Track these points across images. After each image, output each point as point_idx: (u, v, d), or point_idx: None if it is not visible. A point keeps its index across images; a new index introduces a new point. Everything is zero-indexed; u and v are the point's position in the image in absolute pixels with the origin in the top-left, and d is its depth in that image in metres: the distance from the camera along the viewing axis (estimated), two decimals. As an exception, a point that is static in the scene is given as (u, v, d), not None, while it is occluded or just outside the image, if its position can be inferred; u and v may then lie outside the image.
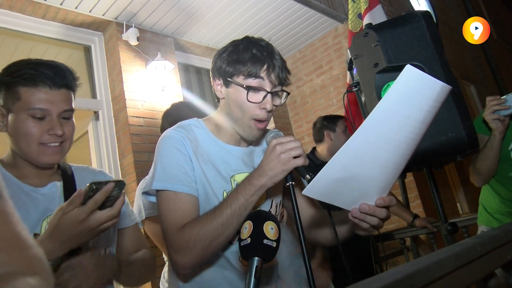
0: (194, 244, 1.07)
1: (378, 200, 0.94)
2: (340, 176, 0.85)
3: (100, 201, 0.94)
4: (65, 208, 0.93)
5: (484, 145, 1.91)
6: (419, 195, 4.12)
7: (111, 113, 3.64)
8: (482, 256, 0.75)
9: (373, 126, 0.78)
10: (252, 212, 0.92)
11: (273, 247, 0.86)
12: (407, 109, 0.77)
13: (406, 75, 0.73)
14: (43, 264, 0.46)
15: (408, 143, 0.83)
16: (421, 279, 0.55)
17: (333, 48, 4.85)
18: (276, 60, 1.17)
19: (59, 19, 3.48)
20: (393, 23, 1.68)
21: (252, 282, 0.82)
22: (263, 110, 1.17)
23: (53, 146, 1.12)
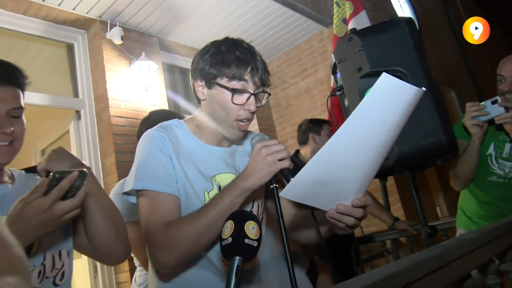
0: (178, 242, 1.07)
1: (355, 201, 0.96)
2: (317, 179, 0.87)
3: (65, 189, 0.91)
4: (27, 197, 0.90)
5: (463, 150, 1.95)
6: (399, 198, 4.18)
7: (93, 112, 3.59)
8: (460, 258, 0.76)
9: (350, 130, 0.81)
10: (234, 212, 0.93)
11: (254, 246, 0.86)
12: (382, 114, 0.79)
13: (382, 82, 0.75)
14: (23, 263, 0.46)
15: (383, 145, 0.86)
16: (400, 280, 0.56)
17: (318, 51, 4.88)
18: (259, 62, 1.19)
19: (41, 15, 3.42)
20: (377, 29, 1.71)
21: (233, 281, 0.82)
22: (247, 111, 1.18)
23: (2, 145, 1.07)
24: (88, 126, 3.57)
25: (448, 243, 0.80)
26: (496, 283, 1.00)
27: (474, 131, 1.88)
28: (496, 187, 2.00)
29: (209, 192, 1.21)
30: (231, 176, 1.22)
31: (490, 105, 1.86)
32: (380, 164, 0.93)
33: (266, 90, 1.24)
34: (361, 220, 1.00)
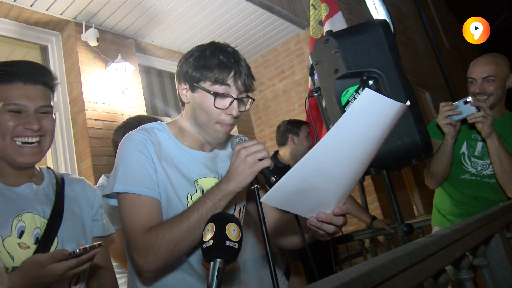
0: (159, 247, 1.06)
1: (336, 209, 0.97)
2: (298, 188, 0.88)
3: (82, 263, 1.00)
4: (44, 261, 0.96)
5: (437, 149, 2.00)
6: (377, 197, 4.25)
7: (68, 115, 3.52)
8: (434, 253, 0.78)
9: (331, 142, 0.82)
10: (214, 214, 0.93)
11: (236, 248, 0.87)
12: (364, 127, 0.81)
13: (365, 97, 0.76)
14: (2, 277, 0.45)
15: (364, 158, 0.87)
16: (377, 276, 0.57)
17: (295, 53, 4.92)
18: (242, 67, 1.19)
19: (12, 16, 3.33)
20: (353, 31, 1.74)
21: (215, 283, 0.82)
22: (229, 116, 1.18)
23: (30, 146, 1.11)
24: (64, 129, 3.50)
25: (422, 240, 0.82)
26: (470, 277, 1.03)
27: (447, 130, 1.93)
28: (469, 185, 2.06)
29: (192, 196, 1.20)
30: (213, 180, 1.22)
31: (463, 105, 1.91)
32: (361, 174, 0.94)
33: (250, 95, 1.24)
34: (341, 227, 1.02)
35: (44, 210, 1.14)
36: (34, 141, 1.11)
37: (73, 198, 1.24)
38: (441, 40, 8.73)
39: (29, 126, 1.09)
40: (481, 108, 1.87)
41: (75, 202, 1.23)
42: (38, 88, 1.13)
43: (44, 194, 1.18)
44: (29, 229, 1.07)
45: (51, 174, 1.26)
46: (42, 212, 1.13)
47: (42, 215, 1.13)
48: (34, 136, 1.11)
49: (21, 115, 1.10)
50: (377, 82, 1.63)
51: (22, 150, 1.10)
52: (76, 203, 1.23)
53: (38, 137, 1.12)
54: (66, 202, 1.20)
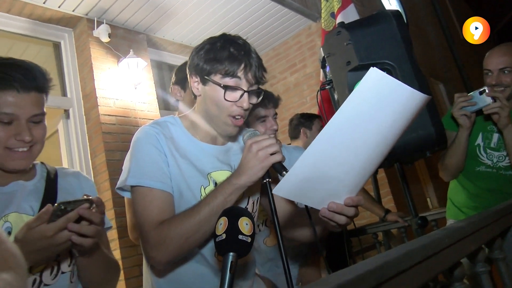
0: (170, 240, 1.07)
1: (347, 200, 0.96)
2: (309, 176, 0.86)
3: (72, 220, 0.95)
4: (31, 223, 0.93)
5: (452, 141, 1.97)
6: (390, 190, 4.22)
7: (82, 111, 3.56)
8: (449, 246, 0.78)
9: (338, 126, 0.80)
10: (227, 208, 0.93)
11: (248, 242, 0.87)
12: (371, 111, 0.78)
13: (370, 77, 0.74)
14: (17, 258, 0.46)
15: (375, 146, 0.85)
16: (391, 269, 0.57)
17: (306, 46, 4.89)
18: (253, 59, 1.18)
19: (25, 14, 3.37)
20: (365, 22, 1.72)
21: (227, 276, 0.83)
22: (240, 108, 1.18)
23: (21, 151, 1.08)
24: (77, 125, 3.54)
25: (437, 233, 0.82)
26: (485, 270, 1.02)
27: (462, 121, 1.90)
28: (484, 177, 2.03)
29: (206, 188, 1.21)
30: (227, 174, 1.22)
31: (478, 96, 1.88)
32: (375, 166, 0.93)
33: (261, 87, 1.24)
34: (352, 218, 1.01)
35: (32, 206, 1.12)
36: (24, 149, 1.09)
37: (69, 191, 1.22)
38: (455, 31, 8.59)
39: (20, 138, 1.06)
40: (497, 99, 1.84)
41: (70, 195, 1.21)
42: (31, 95, 1.08)
43: (35, 190, 1.16)
44: (16, 229, 1.03)
45: (43, 169, 1.24)
46: (30, 209, 1.11)
47: (30, 212, 1.11)
48: (25, 146, 1.09)
49: (11, 124, 1.06)
50: (390, 73, 1.62)
51: (13, 155, 1.08)
52: (72, 195, 1.21)
53: (29, 147, 1.10)
54: (61, 195, 1.19)
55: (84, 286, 1.21)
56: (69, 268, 1.14)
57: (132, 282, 3.06)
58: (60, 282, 1.11)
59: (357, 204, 0.98)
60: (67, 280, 1.14)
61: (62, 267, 1.13)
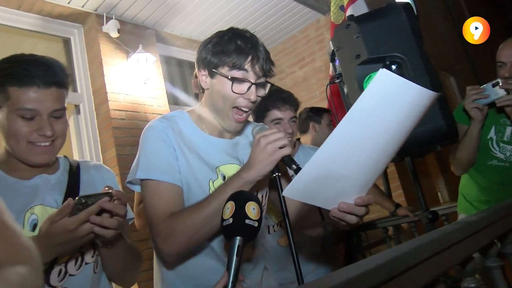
0: (180, 233, 1.08)
1: (357, 199, 0.96)
2: (318, 176, 0.86)
3: (93, 214, 0.97)
4: (54, 217, 0.96)
5: (464, 134, 1.95)
6: (400, 184, 4.19)
7: (92, 106, 3.59)
8: (460, 241, 0.77)
9: (349, 127, 0.80)
10: (234, 193, 0.94)
11: (255, 226, 0.88)
12: (382, 111, 0.78)
13: (380, 78, 0.74)
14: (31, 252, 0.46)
15: (385, 144, 0.85)
16: (402, 264, 0.57)
17: (315, 40, 4.86)
18: (260, 52, 1.19)
19: (35, 10, 3.40)
20: (375, 15, 1.70)
21: (234, 260, 0.84)
22: (247, 100, 1.18)
23: (43, 146, 1.11)
24: (88, 120, 3.57)
25: (448, 227, 0.81)
26: (498, 265, 1.01)
27: (474, 114, 1.88)
28: (496, 171, 2.01)
29: (214, 182, 1.22)
30: (235, 167, 1.23)
31: (491, 88, 1.85)
32: (385, 165, 0.93)
33: (269, 80, 1.24)
34: (363, 217, 1.01)
35: (57, 199, 1.15)
36: (47, 144, 1.12)
37: (91, 184, 1.25)
38: (466, 22, 8.44)
39: (42, 133, 1.09)
40: (511, 91, 1.81)
41: (93, 187, 1.24)
42: (52, 91, 1.11)
43: (58, 183, 1.19)
44: (41, 221, 1.07)
45: (66, 162, 1.27)
46: (54, 202, 1.14)
47: (55, 205, 1.14)
48: (47, 141, 1.12)
49: (34, 120, 1.09)
50: (400, 66, 1.60)
51: (35, 150, 1.11)
52: (94, 188, 1.24)
53: (51, 141, 1.13)
54: (83, 188, 1.22)
55: (108, 275, 1.24)
56: (93, 259, 1.18)
57: (143, 275, 3.08)
58: (84, 272, 1.15)
59: (367, 204, 0.98)
60: (91, 270, 1.17)
61: (86, 258, 1.16)
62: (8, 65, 1.10)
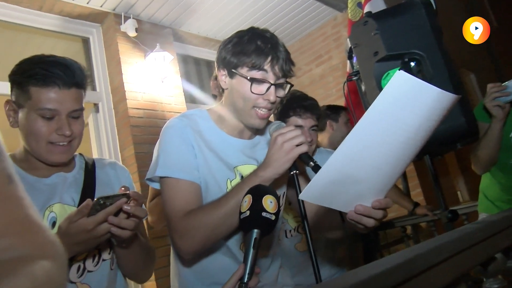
0: (197, 230, 1.09)
1: (375, 203, 0.95)
2: (335, 179, 0.86)
3: (111, 214, 0.99)
4: (73, 217, 0.98)
5: (484, 133, 1.91)
6: (419, 183, 4.13)
7: (110, 105, 3.64)
8: (482, 241, 0.75)
9: (365, 129, 0.79)
10: (252, 187, 0.94)
11: (272, 219, 0.88)
12: (399, 114, 0.77)
13: (397, 80, 0.73)
14: (56, 247, 0.47)
15: (403, 148, 0.84)
16: (422, 263, 0.56)
17: (332, 37, 4.82)
18: (280, 53, 1.18)
19: (56, 11, 3.46)
20: (393, 11, 1.67)
21: (251, 253, 0.85)
22: (266, 101, 1.18)
23: (62, 145, 1.14)
24: (106, 118, 3.62)
25: (469, 227, 0.79)
26: (521, 266, 0.98)
27: (495, 112, 1.84)
28: (518, 170, 1.96)
29: (232, 181, 1.22)
30: (253, 168, 1.22)
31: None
32: (404, 167, 0.91)
33: (289, 80, 1.23)
34: (380, 221, 0.99)
35: (74, 198, 1.18)
36: (65, 143, 1.15)
37: (106, 181, 1.28)
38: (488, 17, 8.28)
39: (61, 132, 1.12)
40: (533, 89, 1.77)
41: (109, 185, 1.27)
42: (71, 91, 1.13)
43: (75, 181, 1.22)
44: (60, 219, 1.09)
45: (82, 160, 1.30)
46: (72, 201, 1.17)
47: (72, 203, 1.16)
48: (65, 140, 1.14)
49: (53, 119, 1.12)
50: (419, 64, 1.57)
51: (54, 149, 1.13)
52: (110, 185, 1.27)
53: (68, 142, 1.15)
54: (99, 185, 1.24)
55: (123, 272, 1.27)
56: (109, 256, 1.20)
57: (161, 272, 3.13)
58: (101, 268, 1.18)
59: (385, 207, 0.96)
60: (108, 266, 1.20)
61: (103, 255, 1.19)
62: (30, 66, 1.12)
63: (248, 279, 0.85)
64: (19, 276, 0.40)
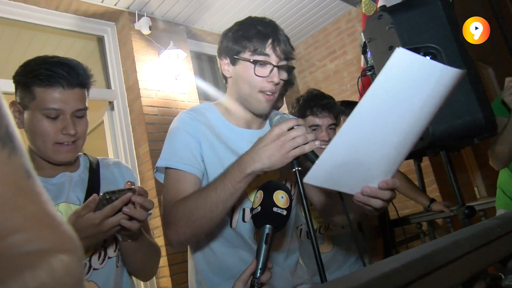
0: (178, 220, 1.09)
1: (381, 183, 0.93)
2: (340, 161, 0.84)
3: (117, 208, 1.00)
4: (80, 211, 0.99)
5: (503, 127, 1.87)
6: (435, 179, 4.08)
7: (125, 102, 3.68)
8: (501, 237, 0.74)
9: (368, 109, 0.77)
10: (264, 182, 0.94)
11: (283, 215, 0.88)
12: (401, 92, 0.75)
13: (397, 57, 0.71)
14: (74, 240, 0.48)
15: (408, 127, 0.82)
16: (439, 258, 0.55)
17: (346, 32, 4.78)
18: (280, 35, 1.19)
19: (72, 10, 3.51)
20: (408, 5, 1.65)
21: (263, 248, 0.85)
22: (271, 83, 1.18)
23: (67, 145, 1.15)
24: (122, 116, 3.66)
25: (488, 222, 0.78)
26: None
27: (514, 107, 1.81)
28: (538, 165, 1.92)
29: None
30: None
31: (531, 79, 1.77)
32: (410, 147, 0.89)
33: (291, 63, 1.24)
34: (389, 202, 0.97)
35: (79, 197, 1.19)
36: (70, 143, 1.16)
37: (111, 180, 1.29)
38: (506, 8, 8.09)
39: (66, 131, 1.13)
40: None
41: (113, 183, 1.28)
42: (75, 91, 1.15)
43: (80, 180, 1.23)
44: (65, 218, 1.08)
45: (86, 160, 1.31)
46: (77, 200, 1.18)
47: (77, 202, 1.18)
48: (69, 141, 1.15)
49: (58, 119, 1.13)
50: (435, 57, 1.55)
51: (60, 149, 1.15)
52: (114, 184, 1.28)
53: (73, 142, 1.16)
54: (104, 184, 1.25)
55: (128, 269, 1.28)
56: (115, 253, 1.21)
57: (175, 268, 3.16)
58: (107, 266, 1.18)
59: (392, 187, 0.94)
60: (113, 264, 1.20)
61: (109, 252, 1.20)
62: (34, 66, 1.13)
63: (261, 274, 0.86)
64: (38, 269, 0.41)
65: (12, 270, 0.40)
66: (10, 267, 0.41)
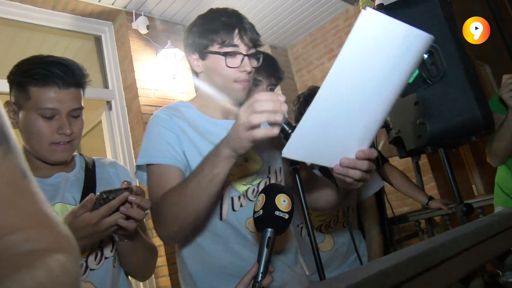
0: (165, 214, 1.08)
1: (358, 153, 0.93)
2: (316, 133, 0.85)
3: (114, 208, 0.99)
4: (77, 211, 0.98)
5: (500, 124, 1.88)
6: (433, 177, 4.09)
7: (123, 102, 3.67)
8: (499, 233, 0.74)
9: (338, 76, 0.77)
10: (267, 186, 0.95)
11: (285, 218, 0.88)
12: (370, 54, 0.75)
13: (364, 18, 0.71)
14: (70, 240, 0.48)
15: (379, 92, 0.82)
16: (436, 256, 0.55)
17: (344, 30, 4.78)
18: (245, 23, 1.19)
19: (69, 9, 3.50)
20: (406, 3, 1.65)
21: (265, 251, 0.85)
22: (244, 73, 1.18)
23: (62, 144, 1.15)
24: (119, 115, 3.65)
25: (486, 219, 0.78)
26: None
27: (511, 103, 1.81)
28: (535, 162, 1.93)
29: None
30: None
31: (529, 77, 1.78)
32: (385, 114, 0.90)
33: (259, 50, 1.24)
34: (368, 173, 0.96)
35: (75, 197, 1.18)
36: (66, 143, 1.15)
37: (107, 180, 1.28)
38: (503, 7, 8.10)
39: (62, 131, 1.12)
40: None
41: (109, 183, 1.27)
42: (70, 91, 1.14)
43: (76, 181, 1.22)
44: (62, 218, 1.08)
45: (82, 160, 1.30)
46: (73, 200, 1.17)
47: (73, 202, 1.17)
48: (66, 140, 1.14)
49: (53, 119, 1.12)
50: (432, 55, 1.55)
51: (56, 148, 1.14)
52: (110, 183, 1.27)
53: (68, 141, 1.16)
54: (100, 184, 1.24)
55: (125, 269, 1.27)
56: (112, 254, 1.20)
57: (174, 267, 3.15)
58: (104, 266, 1.18)
59: (369, 157, 0.94)
60: (110, 264, 1.20)
61: (105, 253, 1.19)
62: (29, 66, 1.12)
63: (262, 278, 0.86)
64: (35, 269, 0.41)
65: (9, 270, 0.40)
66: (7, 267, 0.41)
